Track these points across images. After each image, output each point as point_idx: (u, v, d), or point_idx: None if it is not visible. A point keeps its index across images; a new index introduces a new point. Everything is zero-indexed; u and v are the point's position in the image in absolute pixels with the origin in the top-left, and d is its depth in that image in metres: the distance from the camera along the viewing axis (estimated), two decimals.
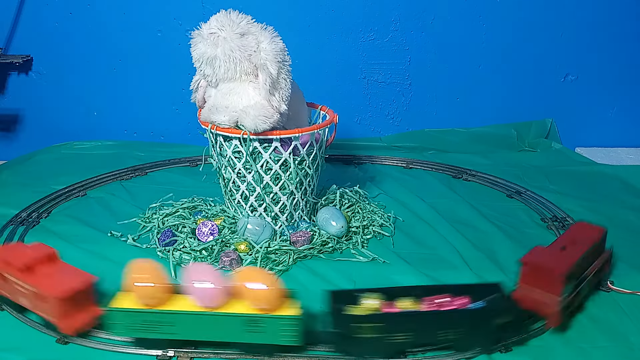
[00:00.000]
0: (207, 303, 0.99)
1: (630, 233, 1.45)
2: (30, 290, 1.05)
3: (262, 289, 0.97)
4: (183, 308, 0.99)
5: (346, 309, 1.02)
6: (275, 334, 0.99)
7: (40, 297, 1.04)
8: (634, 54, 2.02)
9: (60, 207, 1.58)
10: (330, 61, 2.00)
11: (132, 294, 1.00)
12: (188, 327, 1.00)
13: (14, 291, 1.09)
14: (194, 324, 1.00)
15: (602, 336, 1.08)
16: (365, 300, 1.04)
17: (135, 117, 2.06)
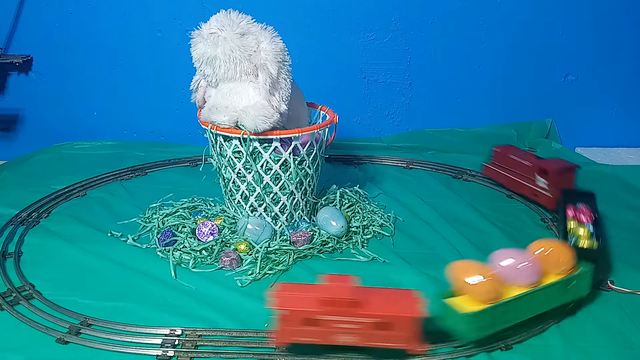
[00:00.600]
0: (533, 280, 1.05)
1: (630, 233, 1.45)
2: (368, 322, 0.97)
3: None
4: (514, 294, 1.03)
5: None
6: (582, 289, 1.11)
7: (383, 326, 0.97)
8: (634, 54, 2.02)
9: (60, 207, 1.58)
10: (330, 61, 2.00)
11: (467, 295, 1.03)
12: (523, 309, 1.05)
13: (330, 333, 0.99)
14: (528, 304, 1.05)
15: (602, 335, 1.08)
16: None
17: (135, 117, 2.06)
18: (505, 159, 1.64)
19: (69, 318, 1.11)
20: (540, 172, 1.53)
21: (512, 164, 1.62)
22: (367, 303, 0.97)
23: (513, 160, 1.61)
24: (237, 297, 1.19)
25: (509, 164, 1.63)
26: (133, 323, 1.10)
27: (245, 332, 1.08)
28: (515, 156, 1.61)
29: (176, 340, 1.05)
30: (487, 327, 1.02)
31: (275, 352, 1.03)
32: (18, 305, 1.15)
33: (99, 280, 1.24)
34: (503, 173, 1.65)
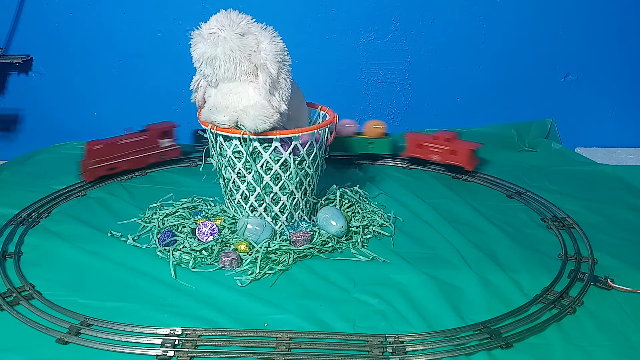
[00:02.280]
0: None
1: (630, 233, 1.45)
2: None
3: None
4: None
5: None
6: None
7: None
8: (633, 54, 2.02)
9: (60, 207, 1.58)
10: (330, 61, 2.00)
11: None
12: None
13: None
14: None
15: (602, 334, 1.08)
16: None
17: (135, 117, 2.05)
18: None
19: (69, 318, 1.11)
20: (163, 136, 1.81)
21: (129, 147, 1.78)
22: None
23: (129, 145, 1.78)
24: (237, 297, 1.19)
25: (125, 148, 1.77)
26: (133, 323, 1.10)
27: (245, 332, 1.08)
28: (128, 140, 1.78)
29: (176, 340, 1.05)
30: None
31: (275, 352, 1.03)
32: (18, 305, 1.15)
33: (99, 281, 1.24)
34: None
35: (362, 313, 1.14)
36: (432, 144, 1.80)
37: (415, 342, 1.06)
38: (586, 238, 1.41)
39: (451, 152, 1.77)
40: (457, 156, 1.77)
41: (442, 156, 1.79)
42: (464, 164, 1.76)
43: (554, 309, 1.15)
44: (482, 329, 1.08)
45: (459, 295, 1.20)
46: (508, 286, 1.22)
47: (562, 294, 1.19)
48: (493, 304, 1.17)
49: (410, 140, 1.84)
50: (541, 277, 1.25)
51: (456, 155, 1.76)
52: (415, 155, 1.84)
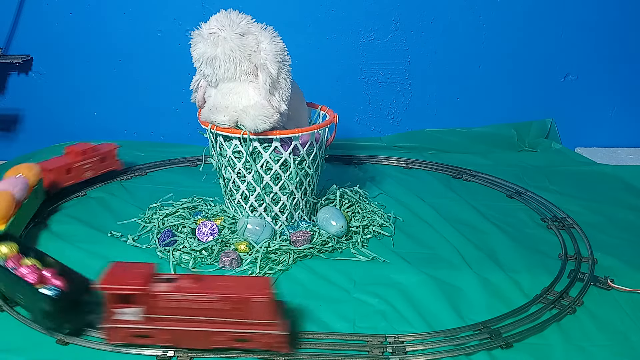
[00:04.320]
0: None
1: (630, 233, 1.45)
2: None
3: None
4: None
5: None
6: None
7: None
8: (633, 54, 2.02)
9: (60, 207, 1.58)
10: (330, 61, 2.00)
11: None
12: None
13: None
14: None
15: (602, 335, 1.08)
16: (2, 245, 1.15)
17: (135, 117, 2.06)
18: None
19: None
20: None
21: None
22: None
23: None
24: None
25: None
26: None
27: None
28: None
29: None
30: None
31: (275, 352, 1.03)
32: (18, 306, 1.15)
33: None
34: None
35: (362, 313, 1.14)
36: (79, 162, 1.62)
37: (415, 342, 1.06)
38: (586, 238, 1.41)
39: (101, 161, 1.67)
40: (108, 162, 1.69)
41: (95, 169, 1.66)
42: (116, 166, 1.72)
43: (554, 309, 1.15)
44: (482, 329, 1.08)
45: (459, 295, 1.20)
46: (508, 286, 1.22)
47: (562, 294, 1.19)
48: (493, 304, 1.17)
49: (50, 170, 1.55)
50: (541, 277, 1.25)
51: (106, 161, 1.69)
52: (65, 184, 1.60)
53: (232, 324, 0.99)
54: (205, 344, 1.01)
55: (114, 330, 1.00)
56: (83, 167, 1.63)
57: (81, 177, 1.63)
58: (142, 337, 1.00)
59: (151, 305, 0.98)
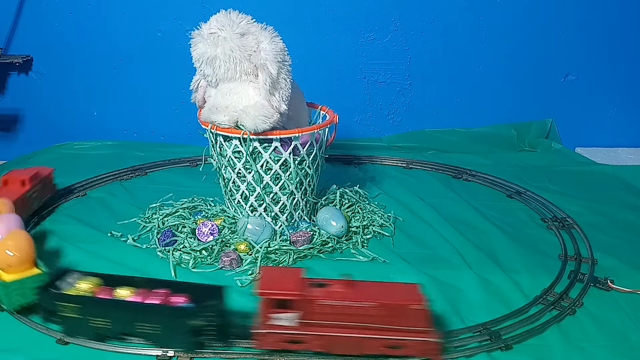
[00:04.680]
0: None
1: (630, 233, 1.45)
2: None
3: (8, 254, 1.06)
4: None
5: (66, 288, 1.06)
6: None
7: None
8: (633, 54, 2.02)
9: (60, 207, 1.58)
10: (330, 61, 2.00)
11: None
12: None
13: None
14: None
15: (602, 335, 1.08)
16: (80, 281, 1.07)
17: (135, 117, 2.06)
18: None
19: None
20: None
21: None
22: None
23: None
24: (237, 297, 1.19)
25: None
26: None
27: None
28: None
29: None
30: None
31: (275, 352, 1.03)
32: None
33: None
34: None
35: None
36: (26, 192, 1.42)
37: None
38: (586, 238, 1.41)
39: (42, 188, 1.50)
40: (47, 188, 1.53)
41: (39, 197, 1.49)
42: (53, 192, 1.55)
43: (554, 310, 1.15)
44: (482, 331, 1.08)
45: (458, 296, 1.19)
46: (508, 287, 1.22)
47: (562, 295, 1.19)
48: (493, 304, 1.17)
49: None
50: (541, 278, 1.25)
51: (46, 187, 1.52)
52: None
53: (386, 331, 0.98)
54: (357, 350, 0.99)
55: (267, 335, 0.98)
56: (32, 198, 1.45)
57: (29, 210, 1.44)
58: (294, 342, 0.99)
59: (308, 311, 0.97)
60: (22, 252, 1.08)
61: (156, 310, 1.01)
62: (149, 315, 1.01)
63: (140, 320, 1.01)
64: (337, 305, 0.97)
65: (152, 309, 1.02)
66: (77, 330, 1.05)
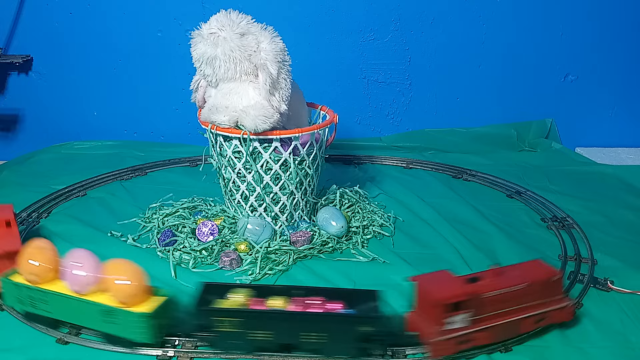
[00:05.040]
0: (78, 288, 1.02)
1: (630, 233, 1.45)
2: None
3: (125, 283, 1.00)
4: (58, 290, 1.04)
5: (213, 302, 1.03)
6: (127, 328, 1.00)
7: None
8: (634, 54, 2.02)
9: (60, 207, 1.58)
10: (330, 61, 2.00)
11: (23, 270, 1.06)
12: (59, 308, 1.04)
13: None
14: (64, 306, 1.03)
15: (601, 336, 1.08)
16: (231, 294, 1.05)
17: (135, 117, 2.06)
18: None
19: None
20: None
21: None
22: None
23: None
24: None
25: None
26: None
27: None
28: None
29: (176, 341, 1.05)
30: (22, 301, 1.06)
31: (275, 354, 1.03)
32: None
33: None
34: None
35: None
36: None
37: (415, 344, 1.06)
38: (586, 238, 1.41)
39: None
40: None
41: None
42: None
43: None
44: None
45: None
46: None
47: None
48: None
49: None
50: None
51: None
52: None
53: (534, 307, 1.03)
54: (515, 333, 1.04)
55: (443, 343, 0.98)
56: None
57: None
58: (464, 342, 1.00)
59: (478, 307, 0.99)
60: (138, 281, 1.02)
61: (323, 318, 0.99)
62: (315, 325, 0.98)
63: (306, 330, 0.98)
64: (500, 295, 1.00)
65: (320, 318, 0.99)
66: (232, 345, 1.01)
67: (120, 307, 0.99)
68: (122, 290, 1.00)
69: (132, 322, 0.99)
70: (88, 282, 1.02)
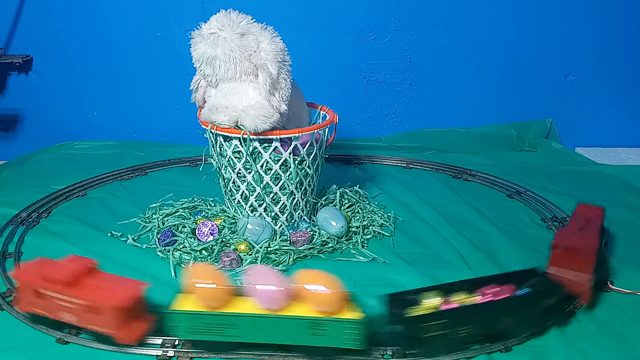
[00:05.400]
0: (270, 306, 0.97)
1: (630, 233, 1.45)
2: (80, 303, 1.01)
3: (324, 292, 0.96)
4: (245, 310, 0.98)
5: (409, 311, 1.03)
6: (338, 337, 0.97)
7: (93, 310, 1.00)
8: (634, 54, 2.02)
9: (60, 207, 1.58)
10: (330, 61, 2.00)
11: (193, 296, 0.99)
12: (251, 330, 0.99)
13: (54, 307, 1.03)
14: (257, 327, 0.98)
15: (602, 336, 1.08)
16: (425, 299, 1.06)
17: (135, 117, 2.06)
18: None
19: None
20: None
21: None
22: (81, 286, 1.02)
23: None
24: None
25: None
26: None
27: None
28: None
29: (176, 340, 1.05)
30: (199, 331, 0.99)
31: (275, 354, 1.03)
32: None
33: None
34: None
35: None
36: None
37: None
38: None
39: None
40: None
41: None
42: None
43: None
44: None
45: None
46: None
47: None
48: None
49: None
50: None
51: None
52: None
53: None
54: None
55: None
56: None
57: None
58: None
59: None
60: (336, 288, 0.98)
61: (517, 301, 1.05)
62: (509, 309, 1.04)
63: (502, 315, 1.04)
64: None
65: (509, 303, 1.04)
66: (438, 348, 1.02)
67: (329, 317, 0.96)
68: (321, 299, 0.96)
69: (344, 330, 0.97)
70: (281, 297, 0.97)
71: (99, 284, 1.03)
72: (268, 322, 0.98)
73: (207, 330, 0.99)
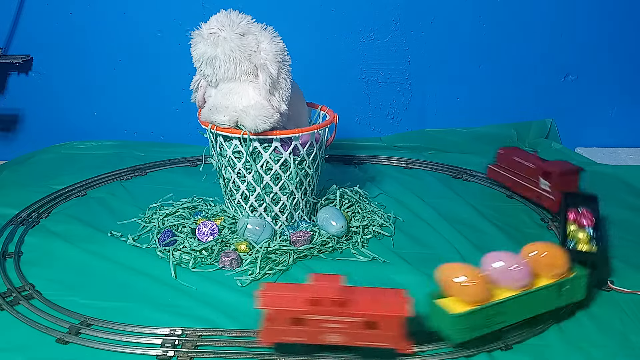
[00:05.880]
0: (523, 283, 1.04)
1: (630, 233, 1.45)
2: (354, 321, 0.97)
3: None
4: (505, 296, 1.03)
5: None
6: (577, 292, 1.10)
7: (370, 325, 0.97)
8: (634, 54, 2.02)
9: (60, 207, 1.58)
10: (330, 61, 2.00)
11: (456, 297, 1.02)
12: (515, 312, 1.05)
13: (316, 332, 0.98)
14: (521, 307, 1.05)
15: (602, 335, 1.08)
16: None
17: (135, 117, 2.06)
18: (509, 161, 1.64)
19: (69, 318, 1.11)
20: (543, 175, 1.52)
21: (516, 166, 1.61)
22: (353, 302, 0.97)
23: (517, 163, 1.61)
24: (237, 297, 1.19)
25: (513, 166, 1.62)
26: (133, 323, 1.10)
27: (245, 332, 1.08)
28: (519, 158, 1.61)
29: (176, 340, 1.05)
30: (476, 328, 1.01)
31: (275, 353, 1.03)
32: (18, 305, 1.15)
33: (99, 280, 1.24)
34: (507, 175, 1.65)
35: None
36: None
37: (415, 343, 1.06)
38: None
39: None
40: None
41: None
42: None
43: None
44: None
45: None
46: None
47: None
48: None
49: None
50: None
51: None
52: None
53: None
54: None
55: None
56: None
57: None
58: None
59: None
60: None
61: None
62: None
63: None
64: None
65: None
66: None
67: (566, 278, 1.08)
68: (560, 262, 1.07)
69: (579, 285, 1.10)
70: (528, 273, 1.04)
71: (372, 298, 0.99)
72: (527, 299, 1.05)
73: (480, 325, 1.02)
